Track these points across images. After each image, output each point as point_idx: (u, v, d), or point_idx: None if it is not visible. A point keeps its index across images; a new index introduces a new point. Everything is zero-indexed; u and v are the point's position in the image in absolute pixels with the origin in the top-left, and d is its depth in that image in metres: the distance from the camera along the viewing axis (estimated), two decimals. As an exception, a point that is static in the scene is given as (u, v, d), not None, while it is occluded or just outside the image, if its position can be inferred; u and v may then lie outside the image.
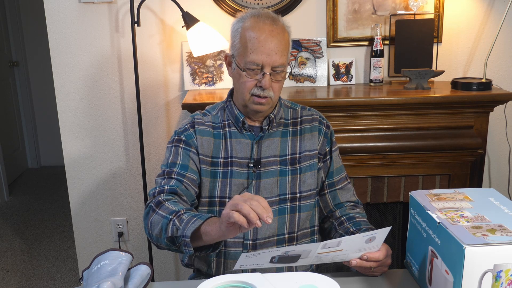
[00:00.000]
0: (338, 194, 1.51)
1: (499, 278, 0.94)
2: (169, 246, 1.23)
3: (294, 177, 1.44)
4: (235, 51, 1.40)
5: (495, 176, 2.55)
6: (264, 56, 1.34)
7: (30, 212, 3.87)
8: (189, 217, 1.17)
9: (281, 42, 1.35)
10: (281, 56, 1.36)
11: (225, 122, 1.45)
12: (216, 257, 1.43)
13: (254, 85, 1.37)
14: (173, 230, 1.18)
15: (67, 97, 2.37)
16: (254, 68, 1.36)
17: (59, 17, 2.29)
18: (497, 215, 1.04)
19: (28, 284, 2.86)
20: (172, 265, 2.61)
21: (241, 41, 1.37)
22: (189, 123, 1.46)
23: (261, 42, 1.34)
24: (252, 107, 1.40)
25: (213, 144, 1.43)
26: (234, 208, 1.03)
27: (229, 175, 1.41)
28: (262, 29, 1.34)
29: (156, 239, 1.25)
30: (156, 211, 1.26)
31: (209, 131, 1.44)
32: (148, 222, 1.28)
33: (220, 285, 1.02)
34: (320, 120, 1.51)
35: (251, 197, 1.05)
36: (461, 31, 2.38)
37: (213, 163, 1.42)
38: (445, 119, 2.14)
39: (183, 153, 1.41)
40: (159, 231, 1.22)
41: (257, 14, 1.38)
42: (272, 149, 1.44)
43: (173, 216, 1.20)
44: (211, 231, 1.12)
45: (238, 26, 1.39)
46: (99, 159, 2.45)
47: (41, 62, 4.64)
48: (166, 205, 1.26)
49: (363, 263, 1.18)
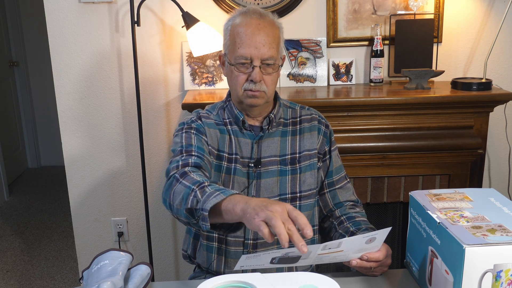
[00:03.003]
0: (338, 194, 1.51)
1: (499, 278, 0.94)
2: (188, 219, 1.14)
3: (294, 177, 1.44)
4: (226, 49, 1.42)
5: (495, 176, 2.55)
6: (252, 49, 1.35)
7: (30, 212, 3.87)
8: (212, 190, 1.09)
9: (268, 35, 1.36)
10: (270, 49, 1.36)
11: (226, 120, 1.46)
12: (217, 254, 1.43)
13: (246, 80, 1.38)
14: (193, 202, 1.11)
15: (67, 97, 2.37)
16: (244, 62, 1.37)
17: (59, 17, 2.29)
18: (497, 215, 1.04)
19: (28, 284, 2.86)
20: (172, 265, 2.61)
21: (230, 38, 1.39)
22: (196, 115, 1.46)
23: (248, 35, 1.35)
24: (247, 101, 1.40)
25: (219, 138, 1.43)
26: (268, 221, 0.95)
27: (233, 172, 1.41)
28: (249, 23, 1.36)
29: (177, 210, 1.18)
30: (180, 181, 1.20)
31: (214, 125, 1.45)
32: (170, 193, 1.20)
33: (220, 285, 1.02)
34: (319, 119, 1.52)
35: (290, 216, 0.97)
36: (461, 31, 2.38)
37: (219, 156, 1.42)
38: (445, 119, 2.14)
39: (196, 138, 1.39)
40: (180, 202, 1.15)
41: (245, 11, 1.40)
42: (272, 149, 1.44)
43: (196, 187, 1.13)
44: (232, 210, 1.03)
45: (228, 24, 1.41)
46: (99, 159, 2.45)
47: (41, 62, 4.64)
48: (191, 176, 1.20)
49: (363, 263, 1.18)
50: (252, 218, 0.97)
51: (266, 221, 0.95)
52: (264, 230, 0.95)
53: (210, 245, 1.44)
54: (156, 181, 2.49)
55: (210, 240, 1.44)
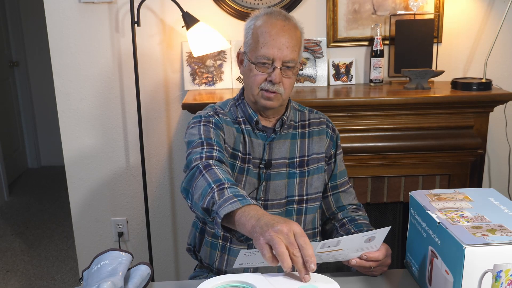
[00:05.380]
0: (341, 197, 1.51)
1: (499, 278, 0.94)
2: (204, 215, 1.13)
3: (302, 180, 1.45)
4: (247, 48, 1.40)
5: (495, 176, 2.55)
6: (275, 50, 1.34)
7: (30, 212, 3.87)
8: (230, 195, 1.06)
9: (292, 38, 1.36)
10: (292, 51, 1.36)
11: (240, 119, 1.44)
12: (221, 251, 1.43)
13: (264, 80, 1.37)
14: (209, 203, 1.09)
15: (67, 97, 2.37)
16: (265, 62, 1.36)
17: (59, 17, 2.29)
18: (497, 215, 1.04)
19: (28, 284, 2.86)
20: (172, 265, 2.61)
21: (253, 37, 1.38)
22: (213, 110, 1.44)
23: (273, 36, 1.34)
24: (261, 102, 1.39)
25: (235, 136, 1.42)
26: (271, 244, 0.93)
27: (246, 172, 1.41)
28: (274, 24, 1.35)
29: (195, 204, 1.16)
30: (203, 173, 1.17)
31: (231, 123, 1.43)
32: (192, 184, 1.18)
33: (220, 285, 1.02)
34: (327, 123, 1.52)
35: (297, 241, 0.94)
36: (461, 31, 2.38)
37: (233, 155, 1.41)
38: (445, 119, 2.14)
39: (215, 133, 1.36)
40: (198, 197, 1.14)
41: (270, 12, 1.40)
42: (282, 151, 1.44)
43: (216, 187, 1.10)
44: (244, 225, 1.00)
45: (251, 23, 1.40)
46: (99, 159, 2.45)
47: (41, 62, 4.64)
48: (214, 170, 1.17)
49: (362, 263, 1.18)
50: (257, 238, 0.96)
51: (270, 244, 0.94)
52: (266, 255, 0.93)
53: (214, 242, 1.44)
54: (156, 181, 2.49)
55: (215, 237, 1.44)
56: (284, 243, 0.93)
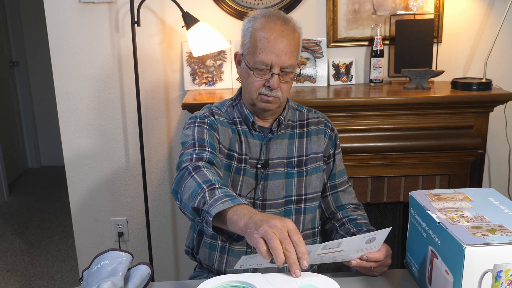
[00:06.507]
0: (340, 196, 1.51)
1: (499, 278, 0.94)
2: (193, 216, 1.13)
3: (300, 179, 1.44)
4: (245, 50, 1.40)
5: (495, 176, 2.55)
6: (274, 56, 1.33)
7: (30, 212, 3.87)
8: (221, 195, 1.07)
9: (291, 43, 1.35)
10: (291, 57, 1.35)
11: (236, 119, 1.44)
12: (220, 252, 1.43)
13: (262, 85, 1.37)
14: (200, 202, 1.09)
15: (67, 97, 2.37)
16: (263, 68, 1.35)
17: (59, 17, 2.29)
18: (497, 215, 1.04)
19: (28, 284, 2.86)
20: (172, 264, 2.61)
21: (251, 40, 1.37)
22: (209, 111, 1.44)
23: (271, 42, 1.33)
24: (260, 105, 1.39)
25: (230, 137, 1.42)
26: (266, 239, 0.94)
27: (242, 173, 1.41)
28: (273, 29, 1.34)
29: (184, 205, 1.16)
30: (192, 175, 1.17)
31: (227, 123, 1.43)
32: (181, 185, 1.18)
33: (220, 285, 1.02)
34: (325, 123, 1.52)
35: (290, 236, 0.95)
36: (461, 31, 2.38)
37: (229, 156, 1.41)
38: (445, 119, 2.14)
39: (208, 134, 1.37)
40: (188, 197, 1.14)
41: (268, 14, 1.38)
42: (279, 151, 1.44)
43: (207, 187, 1.11)
44: (236, 223, 1.01)
45: (249, 25, 1.38)
46: (99, 159, 2.45)
47: (41, 62, 4.63)
48: (204, 172, 1.18)
49: (363, 263, 1.18)
50: (251, 233, 0.97)
51: (264, 239, 0.95)
52: (261, 248, 0.94)
53: (213, 243, 1.44)
54: (156, 181, 2.49)
55: (214, 238, 1.44)
56: (278, 237, 0.94)
